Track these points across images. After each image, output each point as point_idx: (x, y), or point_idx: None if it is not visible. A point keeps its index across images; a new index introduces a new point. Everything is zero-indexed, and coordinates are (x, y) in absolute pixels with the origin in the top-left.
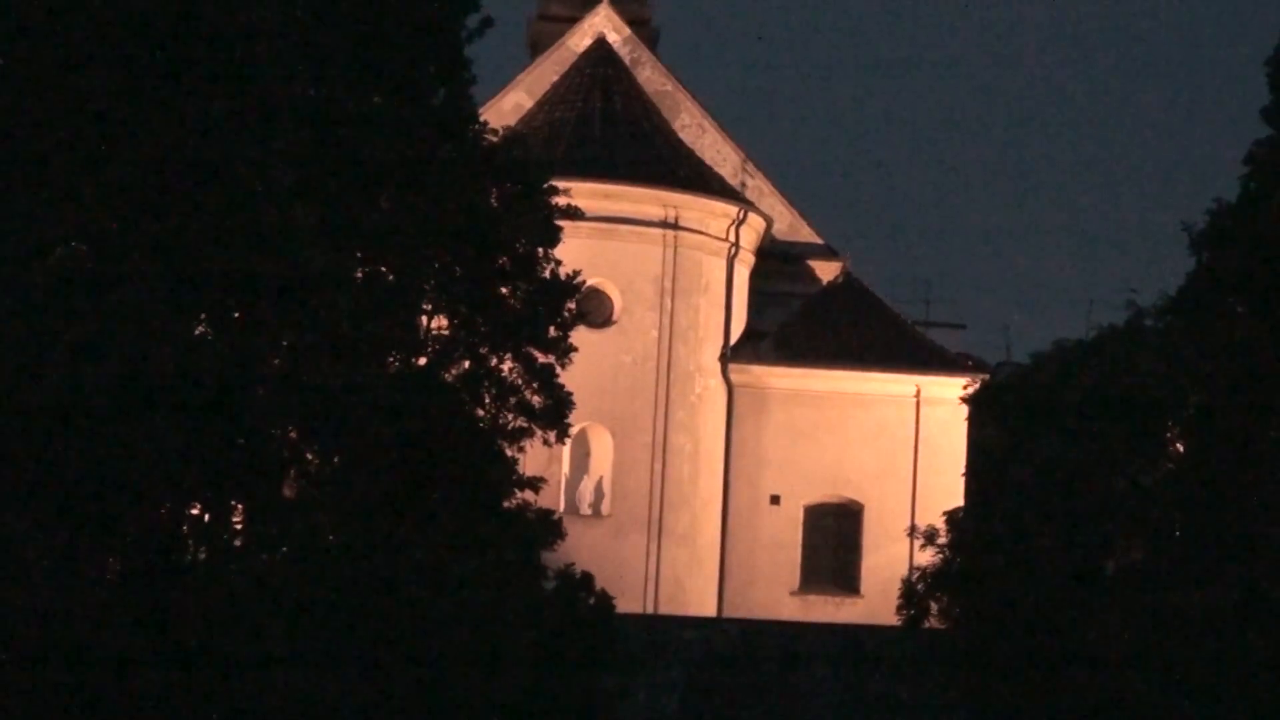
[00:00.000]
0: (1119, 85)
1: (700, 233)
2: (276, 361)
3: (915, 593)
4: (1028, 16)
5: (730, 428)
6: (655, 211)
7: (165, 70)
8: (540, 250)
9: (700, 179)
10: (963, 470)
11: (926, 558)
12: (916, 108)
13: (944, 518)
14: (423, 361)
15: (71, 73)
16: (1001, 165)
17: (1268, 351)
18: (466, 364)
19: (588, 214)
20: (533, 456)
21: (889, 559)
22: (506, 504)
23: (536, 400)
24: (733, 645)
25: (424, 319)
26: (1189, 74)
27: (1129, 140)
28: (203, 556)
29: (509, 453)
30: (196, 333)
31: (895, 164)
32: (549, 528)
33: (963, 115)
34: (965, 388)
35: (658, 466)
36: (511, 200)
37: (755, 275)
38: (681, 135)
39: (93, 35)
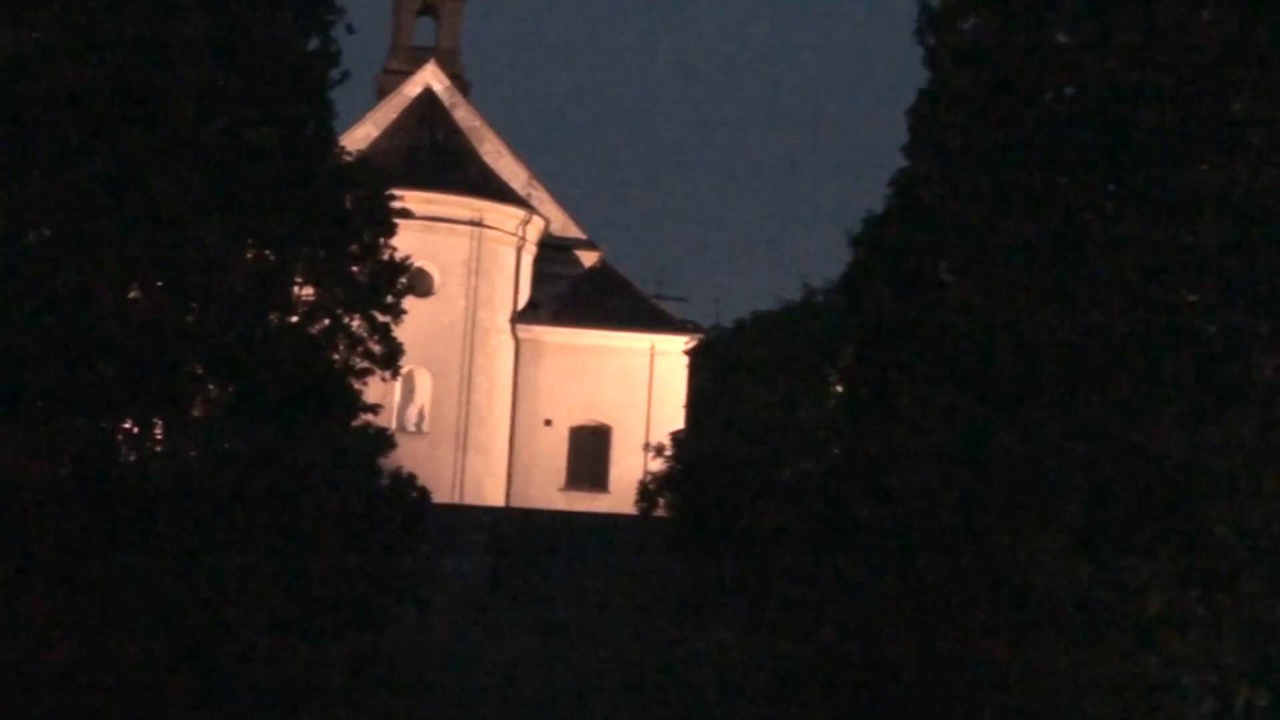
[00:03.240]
0: (821, 105)
1: (497, 229)
2: (189, 318)
3: (648, 491)
4: (755, 57)
5: (517, 370)
6: (465, 213)
7: (112, 109)
8: (381, 240)
9: (498, 190)
10: (683, 403)
11: (657, 466)
12: (660, 132)
13: (670, 437)
14: (295, 319)
15: (47, 115)
16: (720, 176)
17: (903, 326)
18: (327, 322)
19: (417, 214)
20: (373, 389)
21: (630, 466)
22: (354, 423)
23: (377, 348)
24: (516, 526)
25: (296, 289)
26: (877, 102)
27: (819, 156)
28: (133, 459)
29: (356, 386)
30: (131, 296)
31: (643, 178)
32: (384, 441)
33: (693, 139)
34: (686, 344)
35: (463, 397)
36: (361, 203)
37: (537, 261)
38: (485, 158)
39: (64, 88)
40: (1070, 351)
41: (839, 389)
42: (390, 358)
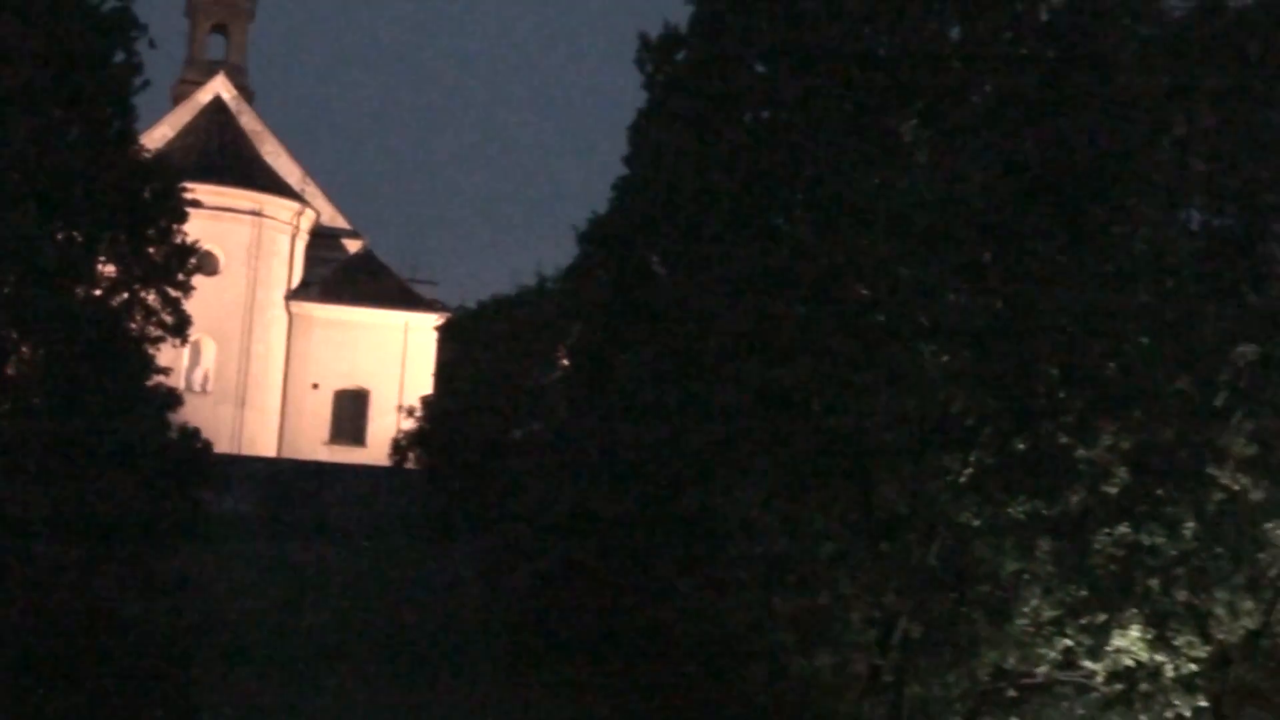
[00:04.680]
0: (556, 121)
1: (275, 219)
2: (6, 290)
3: (401, 446)
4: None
5: (290, 341)
6: (247, 205)
7: None
8: (174, 226)
9: (276, 186)
10: (432, 372)
11: (409, 425)
12: (419, 139)
13: (420, 400)
14: (98, 293)
15: None
16: (468, 179)
17: (621, 309)
18: (126, 295)
19: (206, 205)
20: (165, 354)
21: (385, 425)
22: (147, 383)
23: (169, 319)
24: (286, 473)
25: (100, 266)
26: (602, 118)
27: (553, 164)
28: None
29: (150, 351)
30: None
31: (403, 178)
32: (173, 399)
33: (446, 146)
34: (436, 321)
35: (243, 363)
36: (157, 194)
37: (309, 247)
38: (266, 159)
39: None
40: (762, 335)
41: (565, 362)
42: (180, 328)
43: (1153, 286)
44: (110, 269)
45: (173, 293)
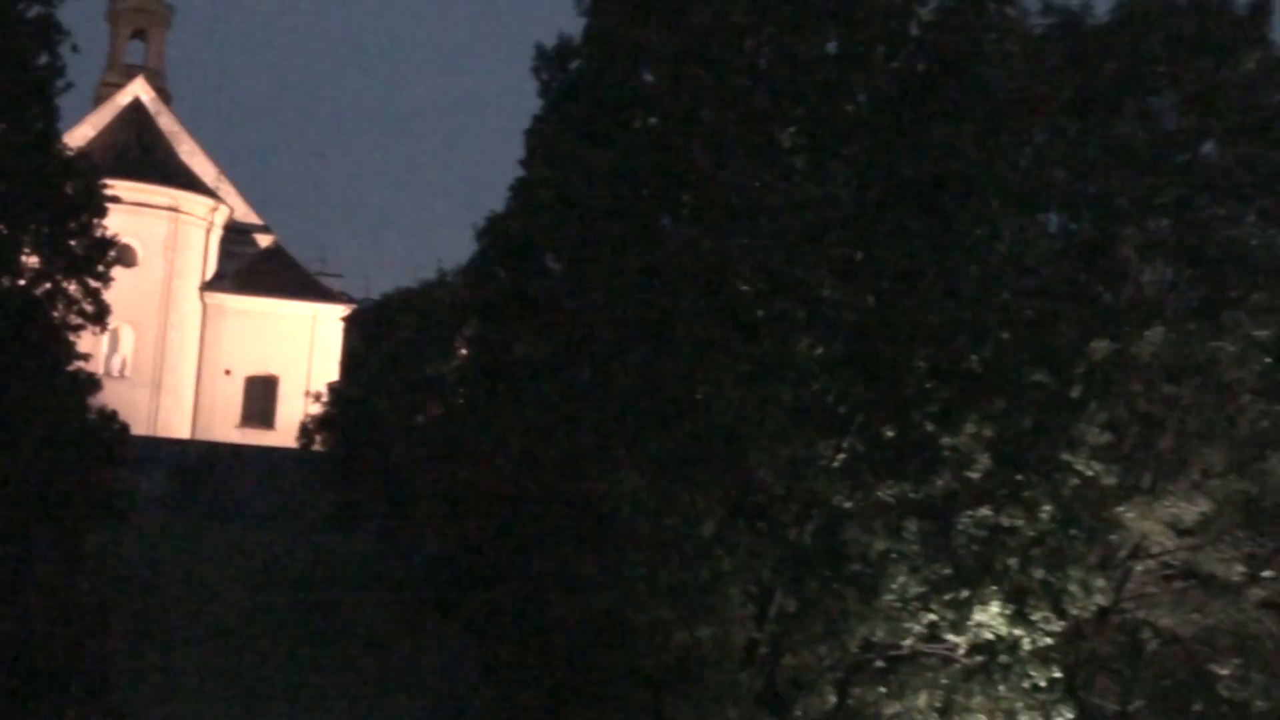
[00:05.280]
0: (457, 127)
1: (190, 215)
2: None
3: (308, 429)
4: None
5: (204, 329)
6: (164, 201)
7: None
8: (95, 220)
9: (192, 183)
10: (339, 360)
11: (316, 409)
12: (328, 140)
13: (326, 386)
14: (22, 283)
15: None
16: (373, 178)
17: (517, 303)
18: (48, 285)
19: (125, 200)
20: (85, 341)
21: (293, 409)
22: (68, 368)
23: (89, 308)
24: (200, 454)
25: (24, 258)
26: (501, 123)
27: (454, 166)
28: None
29: (71, 338)
30: None
31: (312, 177)
32: (92, 384)
33: (355, 148)
34: (342, 312)
35: (159, 350)
36: (79, 190)
37: (222, 241)
38: (183, 157)
39: None
40: (651, 328)
41: (463, 352)
42: (100, 316)
43: (1014, 286)
44: (33, 260)
45: (93, 283)
